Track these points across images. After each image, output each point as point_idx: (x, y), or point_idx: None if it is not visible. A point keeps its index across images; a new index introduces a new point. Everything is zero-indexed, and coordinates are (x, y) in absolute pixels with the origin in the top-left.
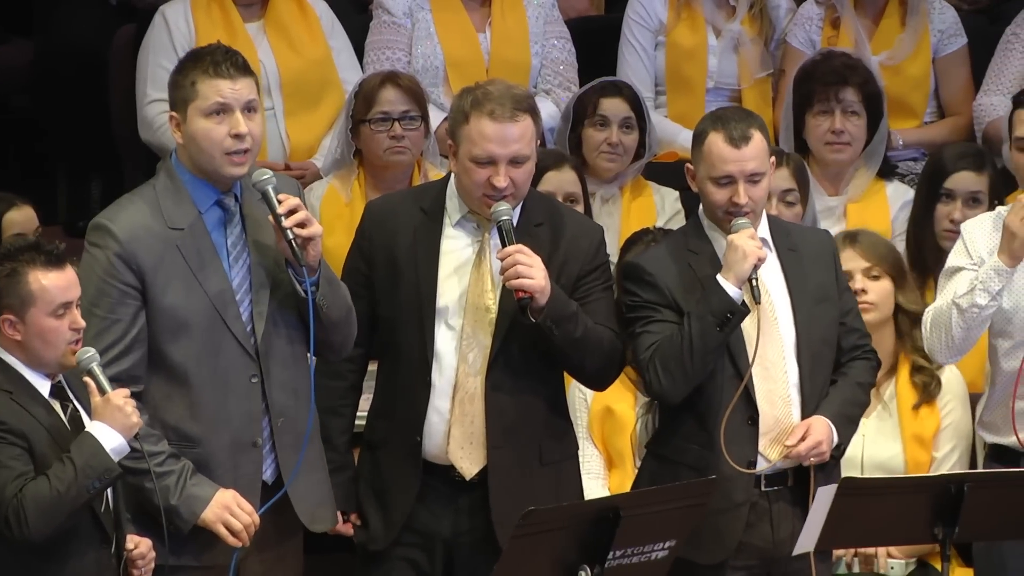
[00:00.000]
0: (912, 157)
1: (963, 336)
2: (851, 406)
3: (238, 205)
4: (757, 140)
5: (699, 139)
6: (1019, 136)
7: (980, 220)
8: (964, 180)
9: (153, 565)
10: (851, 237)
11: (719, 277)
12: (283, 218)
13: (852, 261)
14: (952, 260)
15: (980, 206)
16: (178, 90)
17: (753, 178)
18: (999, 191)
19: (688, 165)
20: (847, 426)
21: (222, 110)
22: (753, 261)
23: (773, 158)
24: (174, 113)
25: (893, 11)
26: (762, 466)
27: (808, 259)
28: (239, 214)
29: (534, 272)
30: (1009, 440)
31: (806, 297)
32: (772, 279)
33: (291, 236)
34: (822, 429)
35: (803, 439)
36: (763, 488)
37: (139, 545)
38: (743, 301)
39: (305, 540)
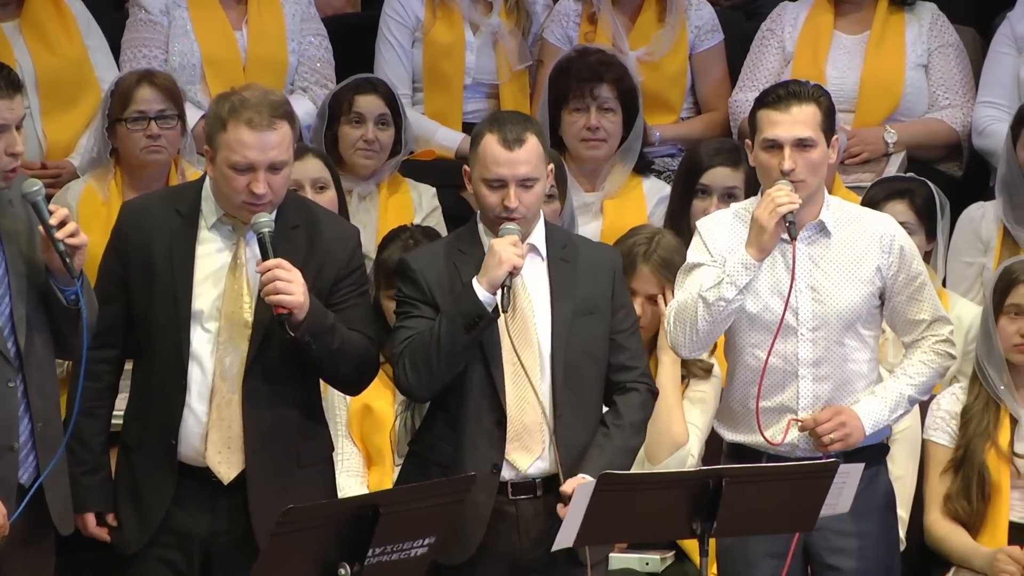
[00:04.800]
0: (669, 153)
1: (708, 330)
2: (621, 457)
3: None
4: (531, 144)
5: (476, 140)
6: (767, 137)
7: (716, 218)
8: (720, 176)
9: None
10: (645, 255)
11: (474, 281)
12: (55, 229)
13: (641, 280)
14: (691, 256)
15: (736, 201)
16: None
17: (525, 183)
18: (755, 187)
19: (465, 167)
20: None
21: (3, 131)
22: (508, 268)
23: (552, 165)
24: None
25: (650, 7)
26: (509, 475)
27: (582, 272)
28: None
29: (293, 288)
30: (746, 438)
31: (568, 308)
32: (537, 286)
33: (63, 248)
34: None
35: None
36: (510, 496)
37: None
38: (495, 307)
39: (61, 540)
